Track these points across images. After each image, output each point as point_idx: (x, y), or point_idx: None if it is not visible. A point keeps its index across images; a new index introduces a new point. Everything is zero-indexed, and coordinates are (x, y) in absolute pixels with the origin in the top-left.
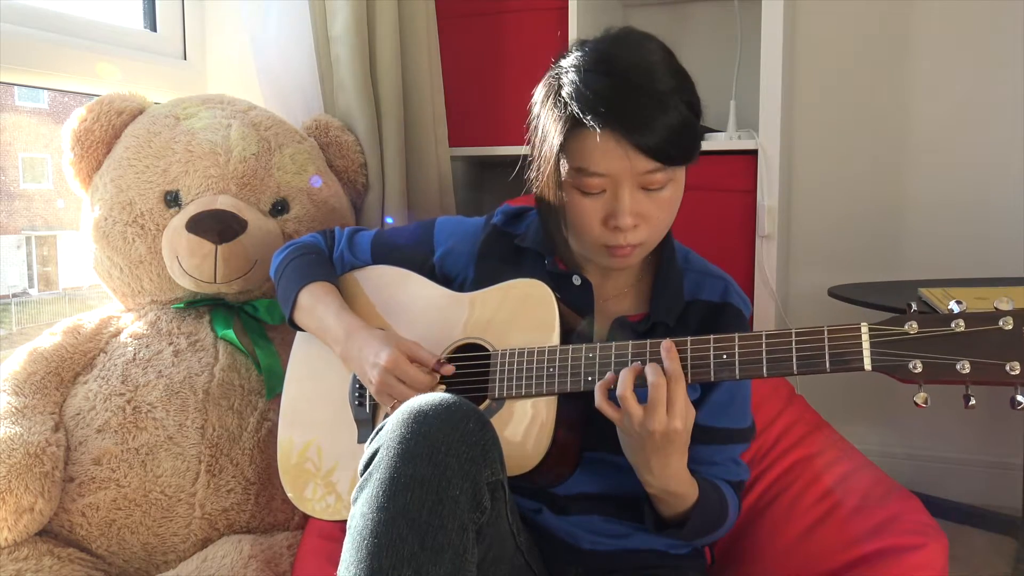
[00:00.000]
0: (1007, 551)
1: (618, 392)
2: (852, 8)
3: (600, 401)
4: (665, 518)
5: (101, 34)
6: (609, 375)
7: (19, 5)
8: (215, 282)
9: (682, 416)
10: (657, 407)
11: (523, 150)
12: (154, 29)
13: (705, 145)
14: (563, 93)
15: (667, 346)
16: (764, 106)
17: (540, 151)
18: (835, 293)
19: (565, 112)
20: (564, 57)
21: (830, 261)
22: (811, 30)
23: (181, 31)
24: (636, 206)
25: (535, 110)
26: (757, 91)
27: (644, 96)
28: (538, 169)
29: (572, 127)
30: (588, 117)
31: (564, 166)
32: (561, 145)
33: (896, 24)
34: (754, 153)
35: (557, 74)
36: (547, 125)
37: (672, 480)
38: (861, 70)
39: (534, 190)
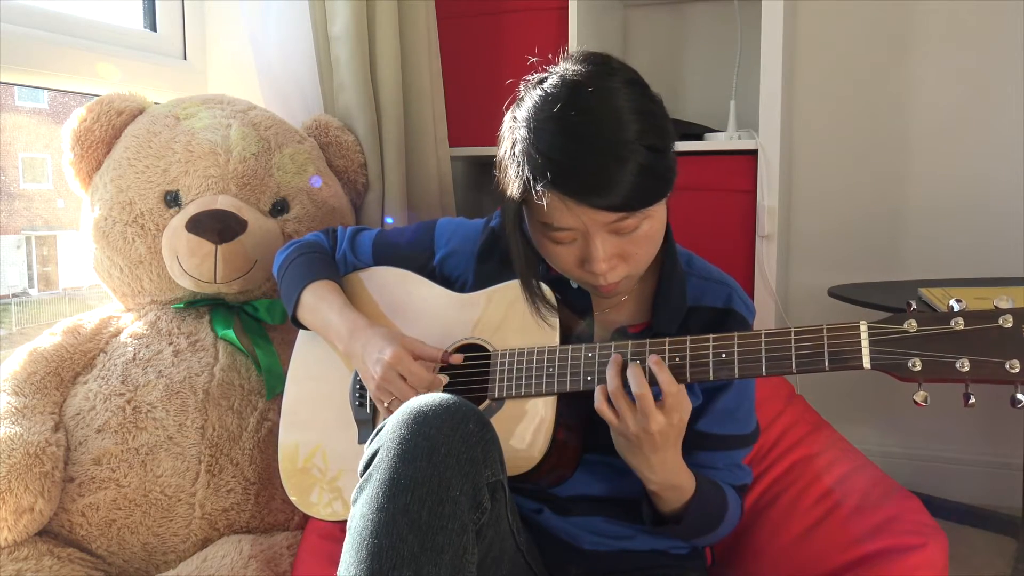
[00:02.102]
0: (1007, 551)
1: (609, 389)
2: (852, 8)
3: (600, 403)
4: (663, 514)
5: (101, 34)
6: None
7: (19, 5)
8: (215, 282)
9: (678, 411)
10: (650, 410)
11: None
12: (154, 29)
13: (705, 145)
14: (517, 151)
15: (654, 360)
16: (764, 106)
17: (505, 197)
18: (835, 293)
19: (520, 173)
20: (520, 105)
21: (830, 261)
22: (811, 30)
23: (181, 31)
24: (610, 250)
25: (500, 148)
26: (757, 91)
27: (599, 153)
28: (504, 214)
29: (528, 189)
30: (539, 186)
31: (530, 218)
32: (521, 203)
33: (896, 24)
34: (754, 153)
35: (512, 126)
36: (508, 177)
37: (671, 473)
38: (861, 70)
39: (504, 229)
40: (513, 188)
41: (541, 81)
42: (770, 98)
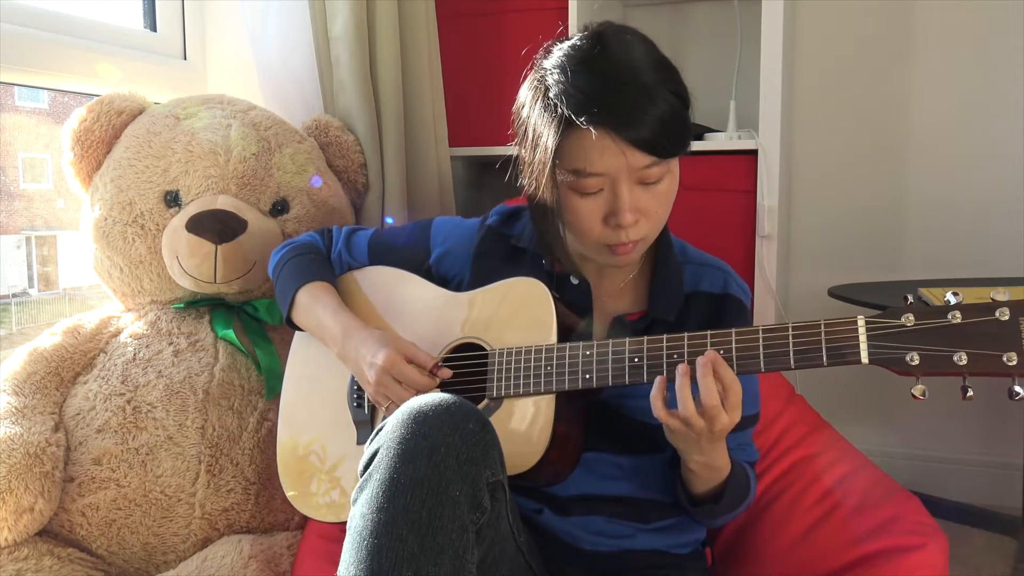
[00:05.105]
0: (1007, 551)
1: (682, 415)
2: (852, 8)
3: (661, 412)
4: (697, 495)
5: (101, 34)
6: (660, 379)
7: (19, 5)
8: (215, 282)
9: (739, 407)
10: (718, 415)
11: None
12: (154, 29)
13: (705, 145)
14: (551, 95)
15: (712, 358)
16: (764, 106)
17: (533, 156)
18: (835, 293)
19: (555, 114)
20: (546, 57)
21: (830, 261)
22: (811, 30)
23: (181, 31)
24: (635, 202)
25: (523, 113)
26: (757, 91)
27: (632, 90)
28: (532, 175)
29: (565, 129)
30: (581, 118)
31: (560, 169)
32: (556, 149)
33: (896, 24)
34: (754, 153)
35: (541, 76)
36: (538, 128)
37: (715, 455)
38: (861, 70)
39: (528, 196)
40: (548, 134)
41: (563, 41)
42: (770, 98)
